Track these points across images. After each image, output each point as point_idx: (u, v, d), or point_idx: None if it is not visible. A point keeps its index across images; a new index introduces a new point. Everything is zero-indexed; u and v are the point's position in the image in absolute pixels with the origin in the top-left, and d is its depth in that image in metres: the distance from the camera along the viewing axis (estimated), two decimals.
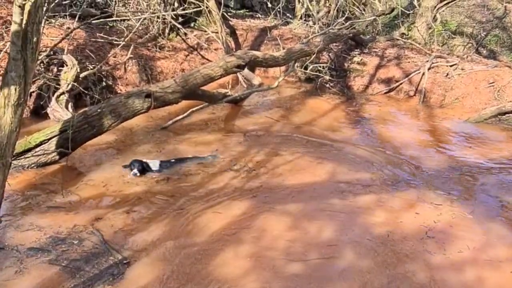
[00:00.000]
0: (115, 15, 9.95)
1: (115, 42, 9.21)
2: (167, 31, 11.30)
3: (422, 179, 6.58)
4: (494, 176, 6.82)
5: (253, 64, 8.08)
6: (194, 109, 7.69)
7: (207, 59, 10.84)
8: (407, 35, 13.17)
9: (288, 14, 13.64)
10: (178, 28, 11.21)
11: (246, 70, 8.34)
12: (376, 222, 5.42)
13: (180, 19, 11.55)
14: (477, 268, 4.71)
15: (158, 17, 10.69)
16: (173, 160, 6.50)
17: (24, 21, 2.94)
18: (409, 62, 11.16)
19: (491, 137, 8.49)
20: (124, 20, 10.80)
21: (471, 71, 10.46)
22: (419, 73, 10.61)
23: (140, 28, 10.75)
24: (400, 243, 5.04)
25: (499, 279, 4.57)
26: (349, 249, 4.89)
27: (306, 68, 9.74)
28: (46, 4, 5.30)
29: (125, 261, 4.43)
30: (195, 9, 10.51)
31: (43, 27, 4.54)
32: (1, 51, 7.33)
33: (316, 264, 4.62)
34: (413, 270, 4.62)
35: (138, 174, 6.04)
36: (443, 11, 14.22)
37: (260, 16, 14.26)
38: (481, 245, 5.07)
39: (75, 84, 7.43)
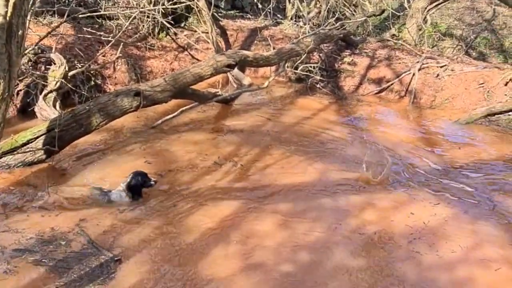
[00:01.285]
0: (103, 12, 9.84)
1: (103, 39, 9.13)
2: (157, 30, 11.20)
3: (414, 180, 6.56)
4: (484, 177, 6.82)
5: (243, 64, 8.04)
6: (184, 108, 7.62)
7: (197, 59, 10.76)
8: (398, 36, 13.20)
9: (278, 15, 13.61)
10: (168, 28, 11.12)
11: (236, 70, 8.30)
12: (367, 221, 5.40)
13: (170, 19, 11.46)
14: (468, 267, 4.69)
15: (148, 16, 10.59)
16: None
17: (9, 14, 2.86)
18: (399, 63, 11.17)
19: (481, 138, 8.51)
20: (114, 19, 10.73)
21: (461, 72, 10.49)
22: (409, 73, 10.62)
23: (130, 27, 10.67)
24: (391, 243, 5.02)
25: (490, 278, 4.55)
26: (340, 249, 4.86)
27: (296, 68, 9.71)
28: None
29: (116, 258, 4.38)
30: (184, 3, 10.35)
31: (29, 21, 4.46)
32: None
33: (306, 264, 4.58)
34: (404, 270, 4.59)
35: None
36: (433, 13, 14.30)
37: (250, 16, 14.22)
38: (473, 245, 5.06)
39: (64, 81, 7.33)
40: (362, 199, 5.88)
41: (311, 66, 10.25)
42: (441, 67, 10.70)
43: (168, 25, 10.93)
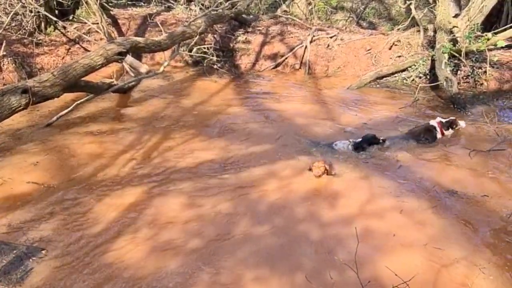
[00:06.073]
0: None
1: None
2: (43, 25, 10.77)
3: (314, 146, 6.84)
4: (377, 134, 7.22)
5: (135, 50, 7.92)
6: (78, 102, 7.42)
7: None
8: (289, 11, 13.53)
9: (170, 0, 13.46)
10: (56, 22, 10.71)
11: (131, 58, 8.14)
12: (270, 190, 5.62)
13: (57, 12, 11.05)
14: (364, 219, 5.04)
15: (31, 11, 10.14)
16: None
17: None
18: (292, 37, 11.48)
19: (371, 100, 9.01)
20: None
21: (349, 41, 11.00)
22: (302, 46, 10.97)
23: (14, 24, 10.22)
24: (295, 207, 5.27)
25: (383, 226, 4.92)
26: (245, 220, 5.05)
27: (191, 51, 9.73)
28: None
29: (30, 252, 4.40)
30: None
31: None
32: None
33: (214, 238, 4.73)
34: (308, 230, 4.86)
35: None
36: None
37: (142, 4, 13.96)
38: (368, 199, 5.43)
39: None
40: (263, 171, 6.08)
41: (205, 48, 10.29)
42: (331, 37, 11.15)
43: (55, 19, 10.53)
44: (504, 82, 9.29)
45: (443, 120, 7.05)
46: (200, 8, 11.49)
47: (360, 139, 6.71)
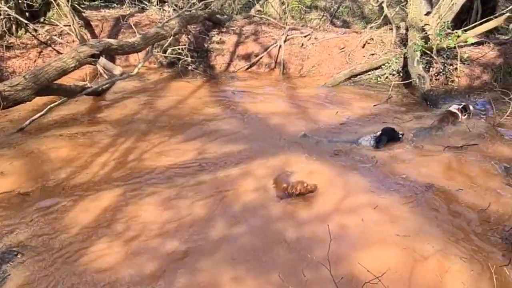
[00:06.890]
0: None
1: None
2: (14, 28, 10.62)
3: (289, 145, 6.87)
4: (352, 132, 7.31)
5: (108, 52, 7.85)
6: (51, 105, 7.34)
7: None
8: (263, 11, 13.56)
9: (144, 1, 13.38)
10: (26, 24, 10.57)
11: (104, 60, 8.07)
12: (245, 190, 5.62)
13: (28, 15, 10.90)
14: (339, 216, 5.07)
15: (0, 14, 9.98)
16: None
17: None
18: (266, 37, 11.53)
19: (346, 98, 9.09)
20: None
21: (323, 40, 11.08)
22: (276, 46, 11.02)
23: None
24: (271, 206, 5.28)
25: (359, 223, 4.97)
26: (222, 221, 5.03)
27: (165, 52, 9.69)
28: None
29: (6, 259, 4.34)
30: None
31: None
32: None
33: (191, 239, 4.71)
34: (284, 229, 4.87)
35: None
36: None
37: (115, 5, 13.84)
38: (343, 196, 5.47)
39: None
40: (239, 171, 6.08)
41: (180, 49, 10.26)
42: (305, 36, 11.22)
43: (26, 22, 10.39)
44: (475, 78, 9.46)
45: (460, 106, 7.65)
46: (174, 9, 11.45)
47: (380, 132, 6.88)
